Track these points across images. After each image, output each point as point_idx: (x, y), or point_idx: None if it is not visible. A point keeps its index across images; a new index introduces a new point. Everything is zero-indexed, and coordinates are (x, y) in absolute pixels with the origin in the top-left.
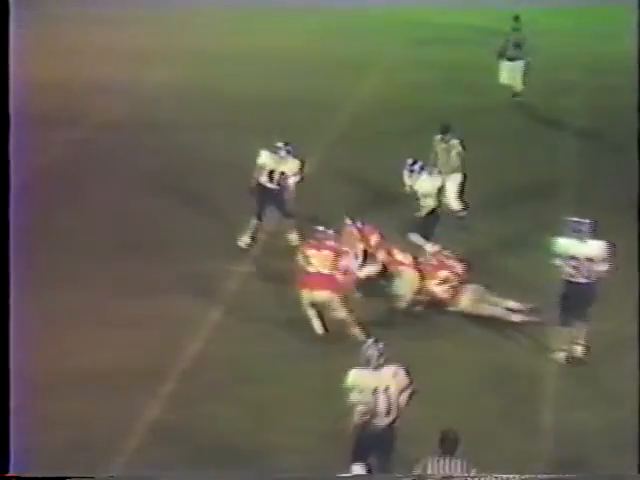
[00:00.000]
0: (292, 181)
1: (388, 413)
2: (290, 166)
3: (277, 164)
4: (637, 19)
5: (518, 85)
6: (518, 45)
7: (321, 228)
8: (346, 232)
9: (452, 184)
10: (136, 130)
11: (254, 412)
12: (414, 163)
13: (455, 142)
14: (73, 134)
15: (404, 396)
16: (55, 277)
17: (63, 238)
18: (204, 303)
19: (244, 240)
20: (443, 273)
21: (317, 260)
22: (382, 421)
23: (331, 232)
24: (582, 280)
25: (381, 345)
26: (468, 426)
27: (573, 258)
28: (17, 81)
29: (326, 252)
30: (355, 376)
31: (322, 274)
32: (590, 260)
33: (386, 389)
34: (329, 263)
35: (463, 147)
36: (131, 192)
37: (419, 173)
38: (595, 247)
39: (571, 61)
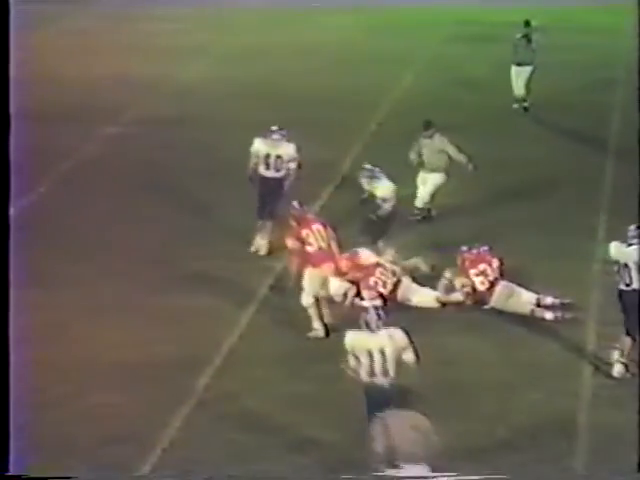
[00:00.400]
0: (292, 166)
1: (385, 374)
2: (286, 150)
3: (271, 148)
4: (637, 18)
5: (521, 91)
6: (528, 50)
7: (295, 204)
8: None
9: (432, 183)
10: (170, 127)
11: (289, 407)
12: (373, 169)
13: (442, 139)
14: (106, 130)
15: (408, 356)
16: (84, 271)
17: (99, 231)
18: (239, 299)
19: (256, 244)
20: (482, 265)
21: (314, 238)
22: (380, 381)
23: (305, 207)
24: (623, 287)
25: (381, 311)
26: (502, 421)
27: (616, 263)
28: (46, 79)
29: (316, 226)
30: (351, 338)
31: (323, 249)
32: (626, 266)
33: (381, 350)
34: (325, 236)
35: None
36: (162, 187)
37: (379, 178)
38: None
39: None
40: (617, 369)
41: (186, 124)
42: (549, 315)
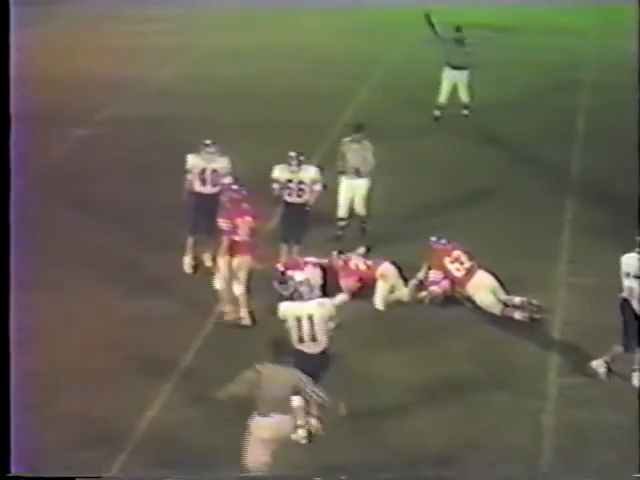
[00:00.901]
0: (227, 181)
1: (313, 339)
2: (221, 164)
3: (206, 162)
4: (637, 19)
5: (463, 95)
6: (461, 53)
7: (235, 186)
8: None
9: (362, 191)
10: (142, 126)
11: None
12: (299, 155)
13: (368, 144)
14: (78, 131)
15: (331, 325)
16: (57, 275)
17: (66, 236)
18: (205, 302)
19: (187, 263)
20: (456, 252)
21: (242, 228)
22: (310, 348)
23: (244, 191)
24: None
25: (313, 281)
26: (472, 421)
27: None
28: (22, 79)
29: (248, 218)
30: (284, 307)
31: (247, 241)
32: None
33: (310, 317)
34: (253, 228)
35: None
36: (136, 188)
37: (305, 164)
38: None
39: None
40: (601, 370)
41: (162, 124)
42: (518, 315)
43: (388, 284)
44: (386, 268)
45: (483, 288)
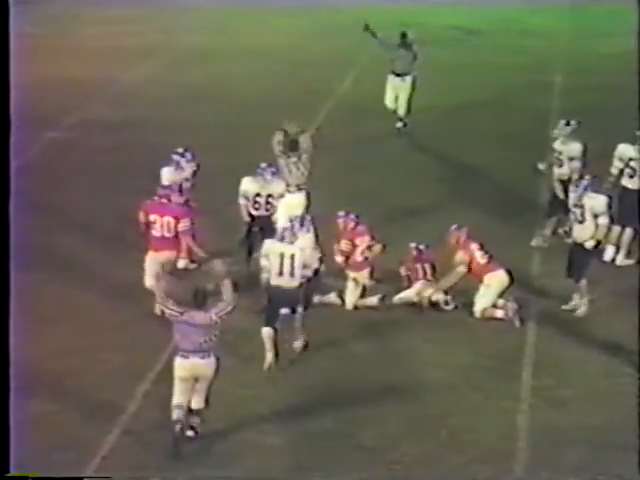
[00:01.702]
0: (188, 185)
1: (292, 274)
2: (190, 171)
3: (179, 173)
4: (637, 19)
5: (401, 107)
6: (407, 60)
7: (166, 183)
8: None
9: (300, 204)
10: (114, 129)
11: (228, 411)
12: (270, 167)
13: (306, 160)
14: (49, 134)
15: (307, 272)
16: (30, 278)
17: (37, 239)
18: None
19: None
20: (473, 245)
21: (159, 225)
22: (288, 282)
23: (172, 190)
24: None
25: (295, 230)
26: (448, 421)
27: None
28: None
29: (167, 218)
30: (268, 244)
31: (167, 237)
32: None
33: (292, 256)
34: (172, 227)
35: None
36: (108, 190)
37: (276, 176)
38: None
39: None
40: None
41: (134, 127)
42: (500, 313)
43: (358, 290)
44: (360, 275)
45: (498, 284)
